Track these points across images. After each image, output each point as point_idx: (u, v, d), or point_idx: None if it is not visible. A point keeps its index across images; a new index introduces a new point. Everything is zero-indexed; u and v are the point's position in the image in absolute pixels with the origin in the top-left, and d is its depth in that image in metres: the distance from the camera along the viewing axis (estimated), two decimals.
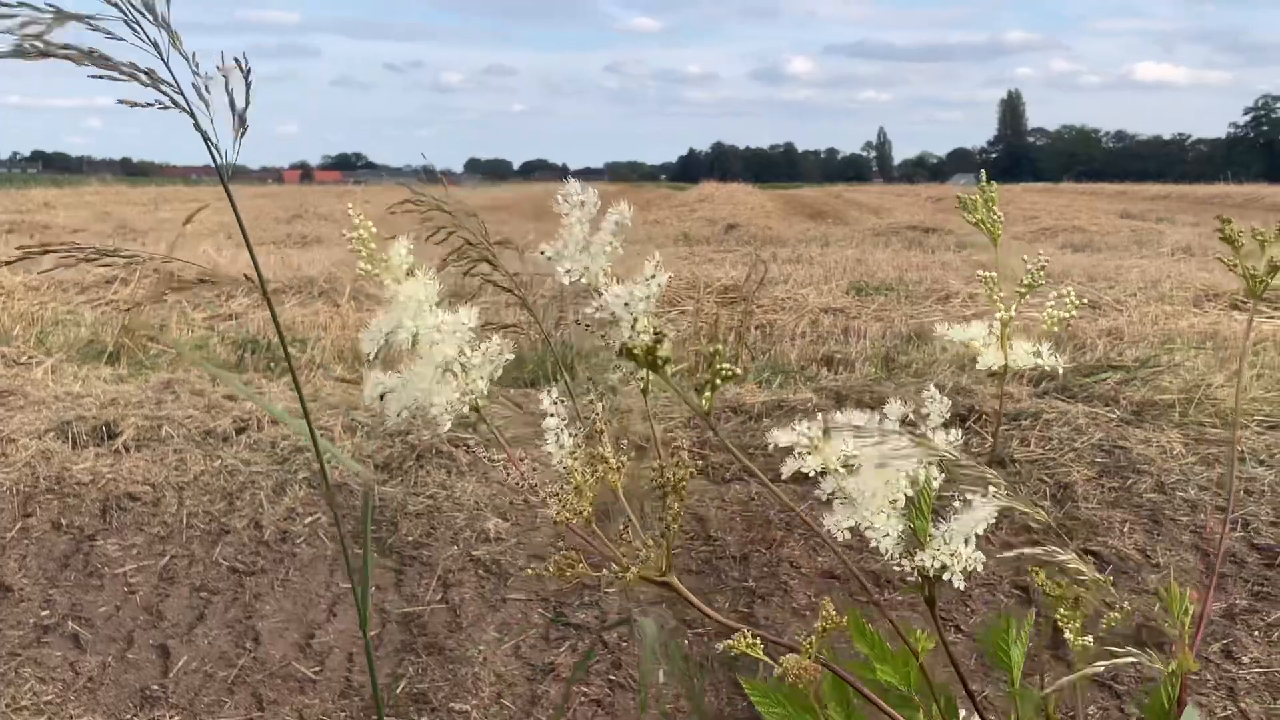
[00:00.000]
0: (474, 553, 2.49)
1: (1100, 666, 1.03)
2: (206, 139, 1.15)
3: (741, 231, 14.01)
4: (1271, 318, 5.78)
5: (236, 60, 1.15)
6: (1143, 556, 2.43)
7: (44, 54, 1.07)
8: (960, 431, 1.07)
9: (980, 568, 0.99)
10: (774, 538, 2.57)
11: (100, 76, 1.10)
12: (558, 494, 1.00)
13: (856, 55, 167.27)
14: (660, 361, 0.92)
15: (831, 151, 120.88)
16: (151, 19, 1.11)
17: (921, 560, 0.99)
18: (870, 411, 1.01)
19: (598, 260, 0.92)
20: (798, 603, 2.35)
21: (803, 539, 2.56)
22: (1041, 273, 1.17)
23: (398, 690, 2.20)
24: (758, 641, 1.01)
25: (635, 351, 0.92)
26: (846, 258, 8.26)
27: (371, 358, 1.01)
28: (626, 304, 0.92)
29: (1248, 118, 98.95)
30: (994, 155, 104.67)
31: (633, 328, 0.93)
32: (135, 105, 1.14)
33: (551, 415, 0.97)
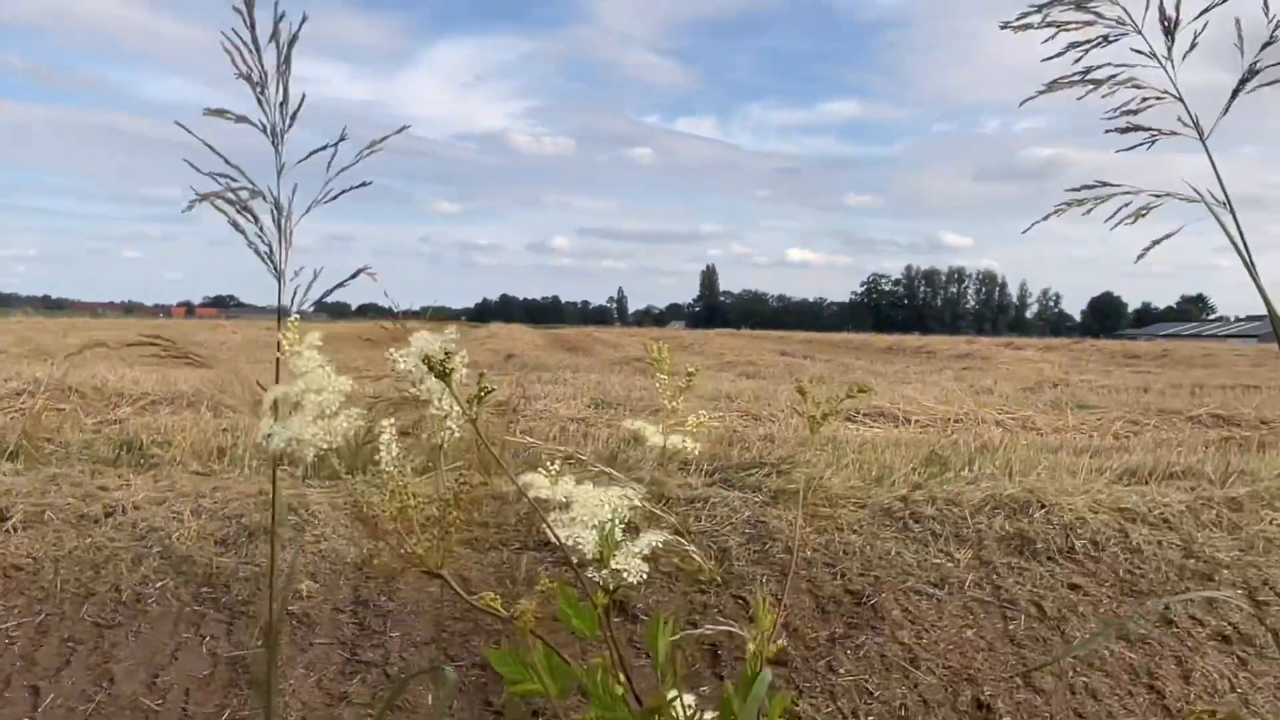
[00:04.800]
0: (290, 608, 2.37)
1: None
2: (280, 289, 1.21)
3: (517, 360, 14.01)
4: (872, 427, 6.15)
5: (371, 273, 1.24)
6: (775, 600, 2.53)
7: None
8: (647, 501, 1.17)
9: (643, 576, 1.08)
10: (518, 592, 2.54)
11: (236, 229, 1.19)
12: (384, 490, 1.06)
13: (601, 236, 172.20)
14: (448, 372, 1.05)
15: (585, 302, 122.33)
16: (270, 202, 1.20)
17: (610, 567, 1.10)
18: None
19: (432, 346, 1.05)
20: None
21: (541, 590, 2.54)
22: (691, 378, 1.32)
23: (224, 718, 2.06)
24: (496, 598, 1.09)
25: (434, 367, 1.04)
26: (591, 380, 8.34)
27: (268, 408, 1.09)
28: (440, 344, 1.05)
29: (863, 288, 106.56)
30: (697, 309, 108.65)
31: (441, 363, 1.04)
32: (259, 256, 1.22)
33: (385, 433, 1.06)
